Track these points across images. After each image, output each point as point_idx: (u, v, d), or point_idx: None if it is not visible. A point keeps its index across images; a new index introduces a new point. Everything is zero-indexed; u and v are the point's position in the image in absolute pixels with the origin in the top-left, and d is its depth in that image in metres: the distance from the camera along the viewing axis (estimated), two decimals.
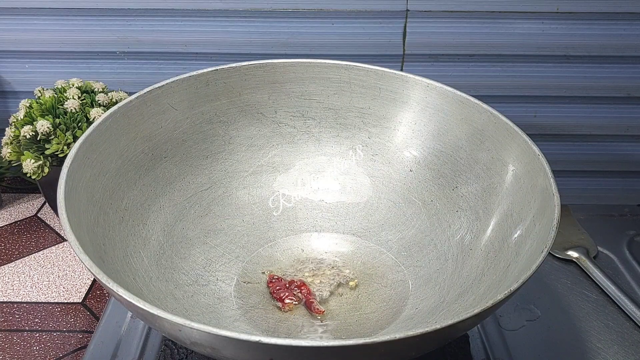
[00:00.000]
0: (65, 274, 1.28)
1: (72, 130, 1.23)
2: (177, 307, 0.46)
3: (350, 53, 1.35)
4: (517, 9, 1.23)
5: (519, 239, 0.45)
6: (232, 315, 0.48)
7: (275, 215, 0.58)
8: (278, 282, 0.50)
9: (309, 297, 0.49)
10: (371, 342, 0.32)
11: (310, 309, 0.48)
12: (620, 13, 1.23)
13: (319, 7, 1.27)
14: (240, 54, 1.32)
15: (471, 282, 0.47)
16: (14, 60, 1.38)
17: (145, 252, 0.49)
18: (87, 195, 0.45)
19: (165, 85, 0.54)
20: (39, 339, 1.05)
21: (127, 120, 0.51)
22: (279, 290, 0.49)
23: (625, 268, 0.59)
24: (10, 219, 1.46)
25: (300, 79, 0.58)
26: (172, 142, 0.55)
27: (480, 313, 0.34)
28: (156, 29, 1.28)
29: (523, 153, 0.48)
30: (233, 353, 0.34)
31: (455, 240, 0.52)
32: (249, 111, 0.58)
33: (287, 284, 0.50)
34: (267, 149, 0.59)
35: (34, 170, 1.18)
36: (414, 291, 0.50)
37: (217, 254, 0.53)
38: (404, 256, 0.54)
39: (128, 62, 1.34)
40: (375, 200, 0.58)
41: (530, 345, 0.51)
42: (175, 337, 0.36)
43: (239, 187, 0.58)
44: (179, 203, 0.54)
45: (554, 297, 0.56)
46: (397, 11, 1.26)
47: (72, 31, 1.32)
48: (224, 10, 1.26)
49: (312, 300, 0.49)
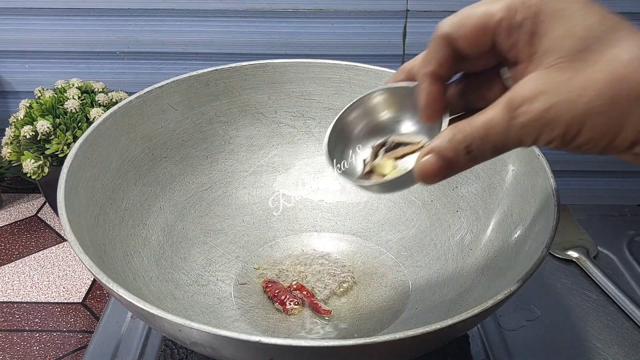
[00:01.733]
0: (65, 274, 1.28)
1: (72, 130, 1.23)
2: (177, 307, 0.46)
3: (350, 53, 1.35)
4: None
5: (519, 239, 0.45)
6: (232, 315, 0.48)
7: (275, 215, 0.58)
8: (276, 286, 0.50)
9: (312, 299, 0.49)
10: (371, 342, 0.32)
11: (317, 310, 0.48)
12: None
13: (319, 7, 1.27)
14: (240, 54, 1.33)
15: (471, 282, 0.47)
16: (14, 60, 1.38)
17: (145, 252, 0.49)
18: (87, 195, 0.45)
19: (165, 85, 0.54)
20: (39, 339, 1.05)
21: (127, 120, 0.51)
22: (279, 294, 0.49)
23: (625, 268, 0.59)
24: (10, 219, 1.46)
25: (300, 79, 0.58)
26: (172, 142, 0.55)
27: (480, 313, 0.34)
28: (156, 29, 1.29)
29: (523, 153, 0.48)
30: (233, 353, 0.34)
31: (455, 240, 0.52)
32: (249, 111, 0.59)
33: (286, 287, 0.50)
34: (267, 149, 0.59)
35: (34, 170, 1.19)
36: (414, 291, 0.50)
37: (217, 254, 0.53)
38: (404, 256, 0.54)
39: (128, 62, 1.35)
40: (375, 200, 0.58)
41: (530, 345, 0.51)
42: (175, 337, 0.36)
43: (239, 187, 0.58)
44: (179, 203, 0.54)
45: (554, 297, 0.56)
46: (397, 11, 1.26)
47: (72, 31, 1.33)
48: (224, 10, 1.26)
49: (316, 301, 0.49)
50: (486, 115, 0.31)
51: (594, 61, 0.29)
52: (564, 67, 0.29)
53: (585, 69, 0.29)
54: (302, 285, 0.50)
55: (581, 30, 0.29)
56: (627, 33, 0.29)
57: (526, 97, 0.30)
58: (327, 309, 0.48)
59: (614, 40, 0.29)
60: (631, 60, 0.28)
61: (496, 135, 0.31)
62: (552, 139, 0.30)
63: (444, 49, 0.34)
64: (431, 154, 0.33)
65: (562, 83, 0.29)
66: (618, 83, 0.28)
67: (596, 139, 0.29)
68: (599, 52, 0.29)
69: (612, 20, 0.30)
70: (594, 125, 0.29)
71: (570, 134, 0.29)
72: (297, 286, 0.50)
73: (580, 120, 0.29)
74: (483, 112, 0.31)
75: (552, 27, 0.30)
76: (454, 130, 0.32)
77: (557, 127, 0.29)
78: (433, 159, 0.33)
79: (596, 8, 0.30)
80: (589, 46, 0.29)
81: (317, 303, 0.48)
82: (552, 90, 0.29)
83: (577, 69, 0.29)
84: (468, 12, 0.32)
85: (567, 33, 0.29)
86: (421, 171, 0.33)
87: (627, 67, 0.28)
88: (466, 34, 0.32)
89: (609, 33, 0.29)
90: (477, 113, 0.32)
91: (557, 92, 0.29)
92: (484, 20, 0.32)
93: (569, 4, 0.30)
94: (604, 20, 0.29)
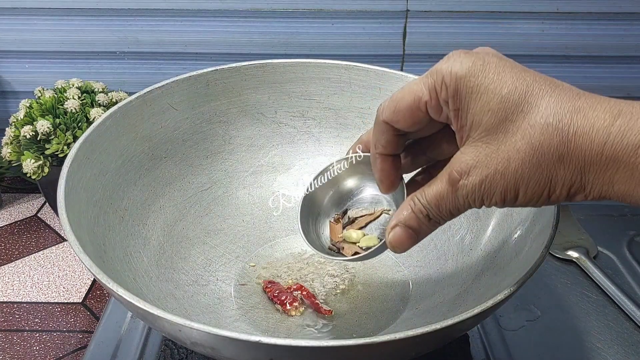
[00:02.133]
0: (65, 274, 1.28)
1: (72, 130, 1.23)
2: (177, 307, 0.46)
3: (350, 53, 1.35)
4: (517, 9, 1.23)
5: (519, 239, 0.45)
6: (232, 315, 0.48)
7: (275, 215, 0.58)
8: (276, 286, 0.50)
9: (313, 299, 0.49)
10: (371, 342, 0.32)
11: (318, 310, 0.48)
12: (620, 13, 1.24)
13: (318, 7, 1.27)
14: (240, 54, 1.33)
15: (471, 282, 0.47)
16: (14, 60, 1.39)
17: (145, 252, 0.49)
18: (87, 195, 0.45)
19: (165, 85, 0.54)
20: (39, 339, 1.05)
21: (127, 120, 0.51)
22: (279, 294, 0.49)
23: (625, 268, 0.59)
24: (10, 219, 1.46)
25: (300, 79, 0.58)
26: (172, 142, 0.55)
27: (480, 313, 0.34)
28: (156, 29, 1.29)
29: None
30: (233, 353, 0.34)
31: (455, 240, 0.52)
32: (249, 111, 0.59)
33: (286, 287, 0.50)
34: (267, 149, 0.59)
35: (34, 170, 1.19)
36: (414, 291, 0.50)
37: (217, 254, 0.53)
38: (404, 256, 0.54)
39: (128, 62, 1.35)
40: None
41: (530, 345, 0.51)
42: (175, 337, 0.36)
43: (239, 187, 0.58)
44: (179, 203, 0.54)
45: (554, 297, 0.56)
46: (397, 11, 1.26)
47: (72, 31, 1.33)
48: (224, 10, 1.26)
49: (316, 301, 0.49)
50: (435, 188, 0.34)
51: (513, 132, 0.31)
52: (488, 140, 0.32)
53: (507, 140, 0.31)
54: (301, 286, 0.50)
55: (496, 104, 0.31)
56: (541, 94, 0.31)
57: (462, 171, 0.32)
58: (328, 309, 0.48)
59: (528, 106, 0.31)
60: (547, 124, 0.30)
61: (447, 204, 0.34)
62: (494, 203, 0.32)
63: (387, 132, 0.37)
64: (397, 226, 0.37)
65: (489, 156, 0.31)
66: (538, 149, 0.30)
67: (534, 198, 0.32)
68: (516, 121, 0.31)
69: (525, 84, 0.31)
70: (527, 188, 0.31)
71: (509, 197, 0.32)
72: (297, 286, 0.50)
73: (513, 187, 0.31)
74: (432, 184, 0.34)
75: (470, 104, 0.32)
76: (412, 201, 0.35)
77: (495, 194, 0.32)
78: (400, 231, 0.36)
79: (508, 74, 0.31)
80: (506, 117, 0.31)
81: (317, 303, 0.48)
82: (482, 163, 0.32)
83: (500, 140, 0.31)
84: (400, 96, 0.35)
85: (484, 109, 0.31)
86: (392, 243, 0.37)
87: (544, 133, 0.30)
88: (402, 118, 0.35)
89: (523, 99, 0.31)
90: (427, 184, 0.35)
91: (487, 165, 0.31)
92: (414, 104, 0.34)
93: (481, 80, 0.31)
94: (517, 86, 0.31)
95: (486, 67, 0.31)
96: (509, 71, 0.31)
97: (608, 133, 0.29)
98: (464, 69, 0.32)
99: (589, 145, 0.29)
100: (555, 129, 0.30)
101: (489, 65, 0.31)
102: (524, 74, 0.31)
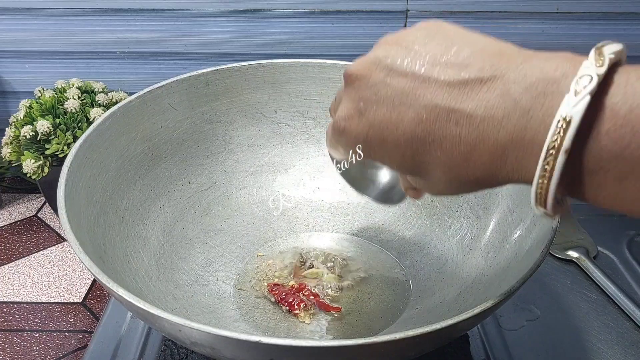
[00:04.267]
0: (65, 274, 1.28)
1: (72, 130, 1.23)
2: (177, 307, 0.46)
3: (350, 53, 1.35)
4: (517, 9, 1.23)
5: (519, 239, 0.45)
6: (232, 315, 0.48)
7: (275, 215, 0.58)
8: (281, 288, 0.50)
9: (318, 298, 0.49)
10: (371, 342, 0.32)
11: (326, 309, 0.48)
12: (620, 13, 1.24)
13: (318, 7, 1.28)
14: (240, 54, 1.33)
15: (471, 282, 0.47)
16: (14, 60, 1.38)
17: (145, 252, 0.49)
18: (87, 195, 0.45)
19: (165, 85, 0.54)
20: (39, 339, 1.05)
21: (127, 120, 0.51)
22: (286, 296, 0.49)
23: (625, 268, 0.59)
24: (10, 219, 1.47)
25: (300, 79, 0.58)
26: (172, 142, 0.55)
27: (480, 313, 0.34)
28: (156, 29, 1.29)
29: None
30: (233, 353, 0.34)
31: (455, 240, 0.52)
32: (249, 111, 0.59)
33: (290, 289, 0.50)
34: (267, 149, 0.59)
35: (34, 170, 1.19)
36: (414, 291, 0.50)
37: (217, 254, 0.53)
38: (404, 256, 0.54)
39: (128, 62, 1.35)
40: None
41: (530, 345, 0.51)
42: (175, 337, 0.36)
43: (239, 187, 0.58)
44: (179, 203, 0.54)
45: (554, 297, 0.56)
46: (397, 11, 1.26)
47: (72, 31, 1.33)
48: (224, 10, 1.26)
49: (322, 300, 0.49)
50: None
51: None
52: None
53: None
54: (305, 285, 0.50)
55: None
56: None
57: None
58: (336, 306, 0.48)
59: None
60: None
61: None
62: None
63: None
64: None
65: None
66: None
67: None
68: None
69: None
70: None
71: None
72: (299, 286, 0.50)
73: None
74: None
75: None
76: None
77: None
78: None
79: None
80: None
81: (324, 302, 0.48)
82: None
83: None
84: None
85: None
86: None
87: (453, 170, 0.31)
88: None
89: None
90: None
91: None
92: None
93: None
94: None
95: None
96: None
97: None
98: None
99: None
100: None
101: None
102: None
